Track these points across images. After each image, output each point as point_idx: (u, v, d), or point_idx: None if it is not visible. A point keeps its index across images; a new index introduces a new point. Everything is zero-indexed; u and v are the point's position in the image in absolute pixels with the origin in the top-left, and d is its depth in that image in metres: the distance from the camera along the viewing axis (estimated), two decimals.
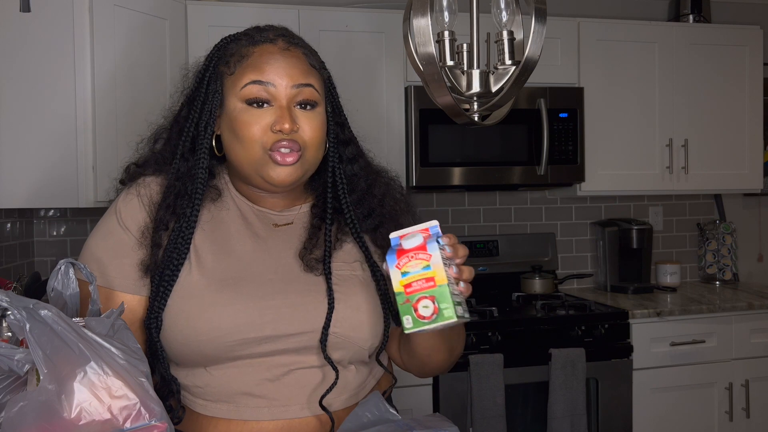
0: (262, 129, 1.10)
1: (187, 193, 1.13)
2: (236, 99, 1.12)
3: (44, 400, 0.80)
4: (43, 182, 2.16)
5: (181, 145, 1.15)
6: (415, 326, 0.98)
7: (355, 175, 1.23)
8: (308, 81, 1.13)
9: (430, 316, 0.97)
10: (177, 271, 1.10)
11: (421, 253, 0.99)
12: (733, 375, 2.85)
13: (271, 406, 1.10)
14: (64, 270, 0.96)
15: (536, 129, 2.85)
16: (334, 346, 1.11)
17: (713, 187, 3.17)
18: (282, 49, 1.14)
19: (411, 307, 0.98)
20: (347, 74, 2.70)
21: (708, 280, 3.46)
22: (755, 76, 3.18)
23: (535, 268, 3.14)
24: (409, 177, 2.74)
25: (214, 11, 2.56)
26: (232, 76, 1.13)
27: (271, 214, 1.20)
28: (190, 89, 1.18)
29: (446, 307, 0.97)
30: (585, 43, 2.97)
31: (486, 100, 1.39)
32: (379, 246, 1.21)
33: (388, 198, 1.24)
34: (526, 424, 2.64)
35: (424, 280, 0.98)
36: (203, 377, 1.10)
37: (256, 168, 1.12)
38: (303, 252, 1.16)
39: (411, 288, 0.98)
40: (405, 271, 0.99)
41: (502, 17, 1.34)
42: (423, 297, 0.98)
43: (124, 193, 1.17)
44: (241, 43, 1.15)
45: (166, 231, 1.12)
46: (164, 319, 1.09)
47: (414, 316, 0.98)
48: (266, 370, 1.10)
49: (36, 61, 2.14)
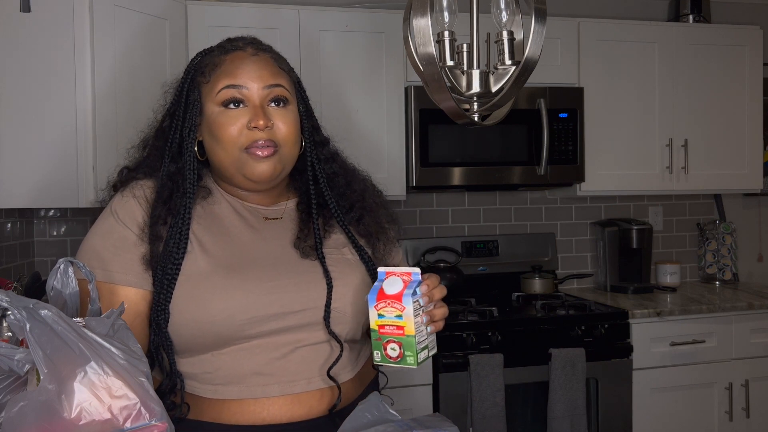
0: (239, 128, 1.19)
1: (179, 190, 1.21)
2: (213, 104, 1.21)
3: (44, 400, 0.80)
4: (44, 182, 2.16)
5: (168, 150, 1.23)
6: (382, 361, 1.14)
7: (334, 173, 1.33)
8: (278, 81, 1.23)
9: (396, 357, 1.12)
10: (179, 264, 1.15)
11: (396, 303, 1.11)
12: (733, 375, 2.85)
13: (280, 383, 1.17)
14: (64, 269, 0.96)
15: (536, 129, 2.85)
16: (336, 321, 1.21)
17: (713, 187, 3.17)
18: (251, 54, 1.24)
19: (381, 346, 1.13)
20: (347, 74, 2.70)
21: (708, 280, 3.46)
22: (755, 76, 3.18)
23: (535, 268, 3.14)
24: (409, 177, 2.74)
25: (214, 11, 2.56)
26: (208, 84, 1.22)
27: (260, 209, 1.29)
28: (171, 102, 1.27)
29: (410, 355, 1.11)
30: (585, 43, 2.97)
31: (486, 100, 1.39)
32: (362, 236, 1.31)
33: (367, 192, 1.36)
34: (526, 424, 2.64)
35: (396, 327, 1.11)
36: (212, 362, 1.16)
37: (237, 167, 1.21)
38: (297, 242, 1.25)
39: (384, 330, 1.12)
40: (381, 314, 1.12)
41: (502, 17, 1.34)
42: (392, 341, 1.12)
43: (119, 196, 1.22)
44: (214, 53, 1.26)
45: (164, 225, 1.18)
46: (172, 308, 1.14)
47: (382, 353, 1.13)
48: (274, 349, 1.17)
49: (36, 61, 2.14)
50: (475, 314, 2.67)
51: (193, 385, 1.17)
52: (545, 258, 3.23)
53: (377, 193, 1.39)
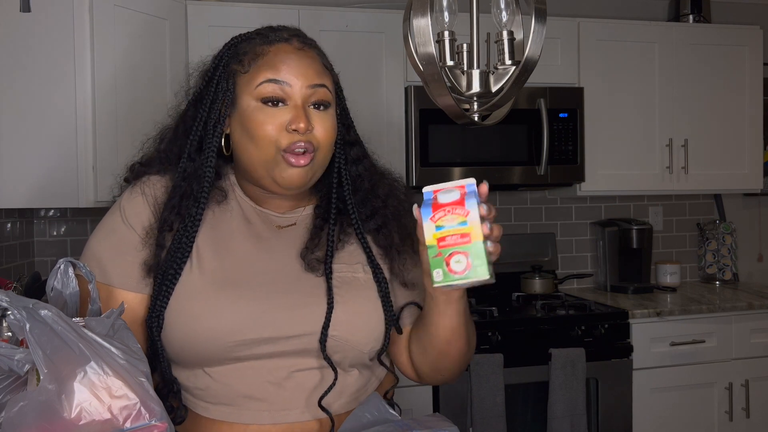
0: (277, 128, 1.10)
1: (192, 194, 1.13)
2: (250, 97, 1.11)
3: (44, 400, 0.80)
4: (44, 182, 2.16)
5: (189, 145, 1.14)
6: (445, 280, 0.97)
7: (359, 176, 1.22)
8: (322, 81, 1.14)
9: (462, 271, 0.96)
10: (179, 271, 1.09)
11: (458, 209, 0.98)
12: (733, 375, 2.85)
13: (272, 410, 1.09)
14: (64, 269, 0.96)
15: (536, 129, 2.85)
16: (333, 349, 1.11)
17: (713, 187, 3.17)
18: (297, 48, 1.14)
19: (443, 261, 0.97)
20: (347, 74, 2.66)
21: (708, 280, 3.46)
22: (755, 76, 3.18)
23: (535, 268, 3.14)
24: (409, 177, 2.74)
25: (214, 11, 2.56)
26: (246, 74, 1.12)
27: (274, 216, 1.19)
28: (198, 89, 1.17)
29: (479, 264, 0.96)
30: (585, 43, 2.97)
31: (486, 100, 1.39)
32: (381, 246, 1.20)
33: (391, 199, 1.24)
34: (526, 424, 2.64)
35: (460, 236, 0.97)
36: (204, 379, 1.10)
37: (267, 168, 1.11)
38: (304, 252, 1.15)
39: (445, 242, 0.97)
40: (440, 224, 0.98)
41: (502, 17, 1.34)
42: (456, 252, 0.97)
43: (128, 191, 1.16)
44: (255, 42, 1.15)
45: (170, 232, 1.12)
46: (165, 318, 1.09)
47: (445, 270, 0.97)
48: (267, 372, 1.09)
49: (36, 61, 2.14)
50: (475, 314, 2.67)
51: (187, 397, 1.12)
52: (545, 258, 3.23)
53: (404, 198, 1.26)
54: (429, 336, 1.15)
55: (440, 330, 1.13)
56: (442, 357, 1.17)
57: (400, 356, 1.23)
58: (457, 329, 1.13)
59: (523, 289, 3.13)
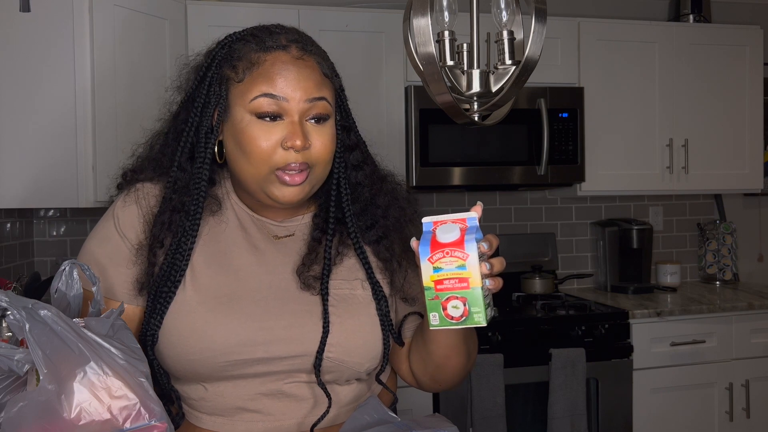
0: (272, 145, 1.04)
1: (184, 209, 1.08)
2: (244, 110, 1.05)
3: (44, 400, 0.80)
4: (43, 182, 2.16)
5: (179, 152, 1.09)
6: (442, 324, 0.95)
7: (359, 184, 1.16)
8: (321, 94, 1.07)
9: (459, 317, 0.94)
10: (174, 289, 1.06)
11: (457, 251, 0.93)
12: (733, 375, 2.85)
13: (265, 421, 1.08)
14: (69, 271, 0.95)
15: (536, 129, 2.85)
16: (328, 369, 1.08)
17: (713, 187, 3.17)
18: (295, 57, 1.07)
19: (440, 305, 0.94)
20: (347, 74, 2.66)
21: (708, 280, 3.46)
22: (755, 76, 3.18)
23: (535, 268, 3.14)
24: (409, 177, 2.74)
25: (214, 11, 2.56)
26: (240, 84, 1.05)
27: (271, 225, 1.15)
28: (190, 89, 1.11)
29: (477, 311, 0.93)
30: (585, 43, 2.97)
31: (486, 100, 1.39)
32: (381, 258, 1.15)
33: (392, 208, 1.18)
34: (526, 424, 2.64)
35: (458, 280, 0.93)
36: (198, 391, 1.09)
37: (260, 185, 1.06)
38: (301, 268, 1.10)
39: (442, 285, 0.93)
40: (438, 266, 0.93)
41: (502, 17, 1.34)
42: (454, 297, 0.93)
43: (122, 200, 1.12)
44: (250, 46, 1.07)
45: (161, 248, 1.08)
46: (159, 335, 1.07)
47: (441, 314, 0.94)
48: (261, 385, 1.08)
49: (36, 61, 2.14)
50: None
51: (183, 406, 1.12)
52: (545, 258, 3.23)
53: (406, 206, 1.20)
54: (428, 351, 1.14)
55: (440, 347, 1.12)
56: (441, 370, 1.16)
57: (401, 365, 1.21)
58: (456, 346, 1.12)
59: (524, 289, 3.13)
